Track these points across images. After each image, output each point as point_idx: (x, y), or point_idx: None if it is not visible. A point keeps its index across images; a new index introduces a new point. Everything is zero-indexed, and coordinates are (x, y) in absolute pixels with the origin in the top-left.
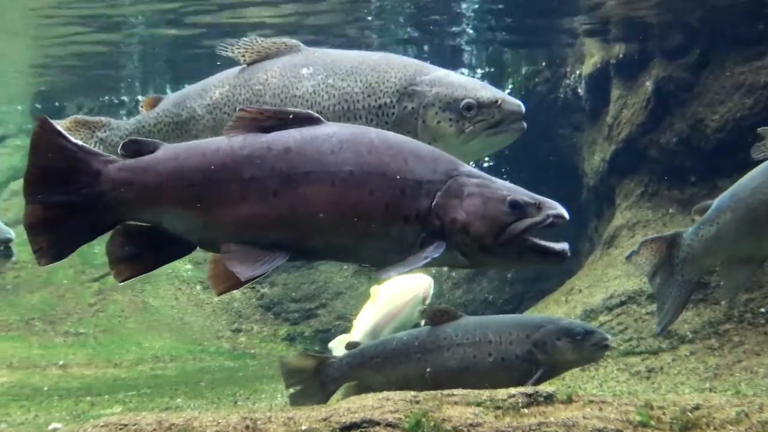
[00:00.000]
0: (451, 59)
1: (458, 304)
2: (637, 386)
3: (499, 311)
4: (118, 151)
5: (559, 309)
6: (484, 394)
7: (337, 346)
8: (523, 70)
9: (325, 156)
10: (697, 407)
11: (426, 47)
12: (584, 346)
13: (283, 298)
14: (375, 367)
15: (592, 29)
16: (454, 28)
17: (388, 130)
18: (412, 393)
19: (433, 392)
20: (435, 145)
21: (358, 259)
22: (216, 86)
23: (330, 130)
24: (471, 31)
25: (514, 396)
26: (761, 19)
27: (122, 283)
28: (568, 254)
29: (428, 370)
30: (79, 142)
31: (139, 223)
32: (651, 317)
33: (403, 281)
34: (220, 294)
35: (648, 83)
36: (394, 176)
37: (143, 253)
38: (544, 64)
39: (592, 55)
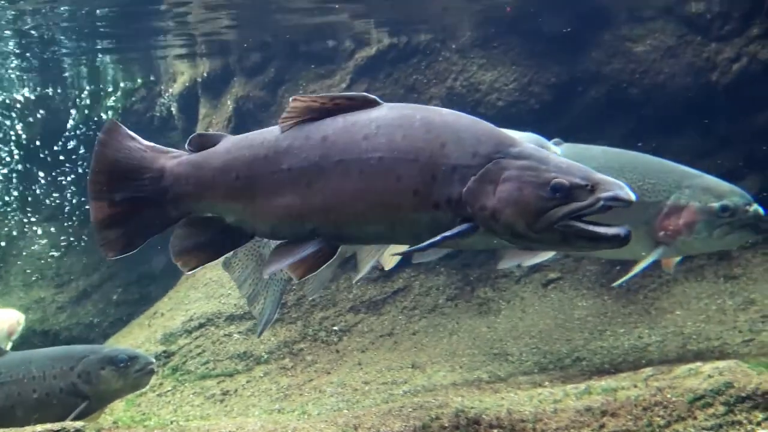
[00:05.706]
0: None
1: (63, 329)
2: (210, 410)
3: (104, 335)
4: (185, 146)
5: (141, 333)
6: None
7: None
8: (121, 86)
9: (358, 143)
10: None
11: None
12: (129, 372)
13: None
14: None
15: (182, 44)
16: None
17: None
18: None
19: None
20: None
21: (396, 243)
22: None
23: (376, 114)
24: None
25: None
26: (330, 37)
27: (189, 273)
28: (625, 239)
29: None
30: (147, 142)
31: (202, 215)
32: (228, 339)
33: None
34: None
35: (229, 102)
36: (426, 162)
37: (207, 243)
38: (140, 81)
39: (182, 73)
